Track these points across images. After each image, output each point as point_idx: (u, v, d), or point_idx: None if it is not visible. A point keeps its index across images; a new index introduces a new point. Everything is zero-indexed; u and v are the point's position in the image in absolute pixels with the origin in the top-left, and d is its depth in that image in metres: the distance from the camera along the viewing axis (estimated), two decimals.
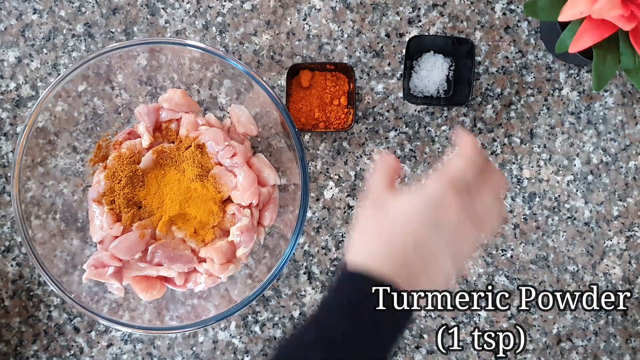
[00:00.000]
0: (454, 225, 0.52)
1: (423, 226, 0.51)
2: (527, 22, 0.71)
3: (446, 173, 0.53)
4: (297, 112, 0.69)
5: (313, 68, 0.69)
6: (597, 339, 0.71)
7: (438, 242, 0.52)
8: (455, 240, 0.53)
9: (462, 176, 0.53)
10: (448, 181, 0.53)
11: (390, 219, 0.52)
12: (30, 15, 0.71)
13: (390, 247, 0.51)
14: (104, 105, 0.69)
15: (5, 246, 0.71)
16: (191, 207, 0.65)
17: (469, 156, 0.54)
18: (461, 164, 0.54)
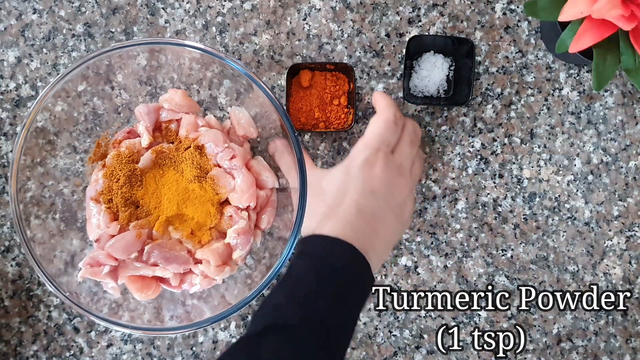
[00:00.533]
0: (385, 182, 0.57)
1: (359, 193, 0.57)
2: (527, 22, 0.71)
3: (365, 137, 0.59)
4: (297, 112, 0.68)
5: (313, 68, 0.69)
6: (597, 339, 0.70)
7: (377, 204, 0.57)
8: (392, 195, 0.58)
9: (379, 135, 0.59)
10: (367, 144, 0.59)
11: (329, 194, 0.58)
12: (30, 15, 0.71)
13: (336, 214, 0.56)
14: (104, 105, 0.69)
15: (5, 246, 0.71)
16: (189, 208, 0.65)
17: (384, 115, 0.60)
18: (377, 124, 0.60)
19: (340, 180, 0.59)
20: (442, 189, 0.71)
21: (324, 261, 0.53)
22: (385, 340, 0.71)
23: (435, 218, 0.71)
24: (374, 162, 0.58)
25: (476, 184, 0.71)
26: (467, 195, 0.71)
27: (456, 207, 0.71)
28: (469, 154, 0.71)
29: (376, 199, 0.57)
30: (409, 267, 0.71)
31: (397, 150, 0.60)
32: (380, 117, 0.61)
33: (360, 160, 0.58)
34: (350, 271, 0.53)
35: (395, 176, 0.59)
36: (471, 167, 0.71)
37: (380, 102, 0.62)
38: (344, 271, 0.53)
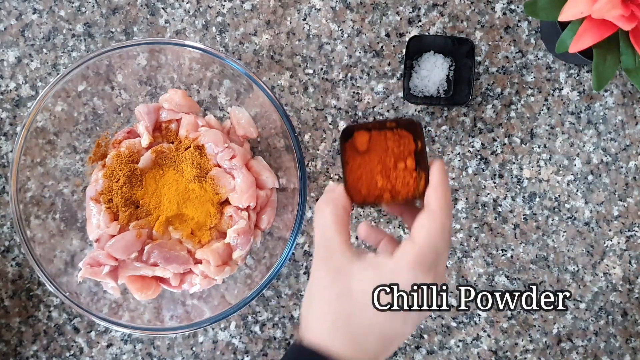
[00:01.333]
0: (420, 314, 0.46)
1: (391, 317, 0.45)
2: (527, 22, 0.71)
3: (417, 247, 0.45)
4: (356, 182, 0.55)
5: (370, 128, 0.57)
6: (597, 339, 0.70)
7: (402, 331, 0.46)
8: (416, 324, 0.47)
9: (434, 249, 0.45)
10: (418, 260, 0.45)
11: (352, 297, 0.44)
12: (30, 15, 0.71)
13: (351, 331, 0.44)
14: (104, 105, 0.69)
15: (5, 246, 0.71)
16: (189, 208, 0.65)
17: (442, 220, 0.46)
18: (433, 233, 0.45)
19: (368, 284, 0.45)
20: None
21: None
22: None
23: None
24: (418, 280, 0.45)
25: (476, 183, 0.71)
26: (467, 195, 0.71)
27: (456, 207, 0.71)
28: (469, 154, 0.71)
29: (406, 323, 0.46)
30: None
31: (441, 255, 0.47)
32: (438, 220, 0.46)
33: (407, 281, 0.45)
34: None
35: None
36: (471, 167, 0.71)
37: (440, 202, 0.47)
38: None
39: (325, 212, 0.46)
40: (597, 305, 0.70)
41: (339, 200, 0.47)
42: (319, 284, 0.45)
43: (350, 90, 0.71)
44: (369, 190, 0.55)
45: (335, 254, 0.45)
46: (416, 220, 0.46)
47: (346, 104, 0.71)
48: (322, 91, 0.71)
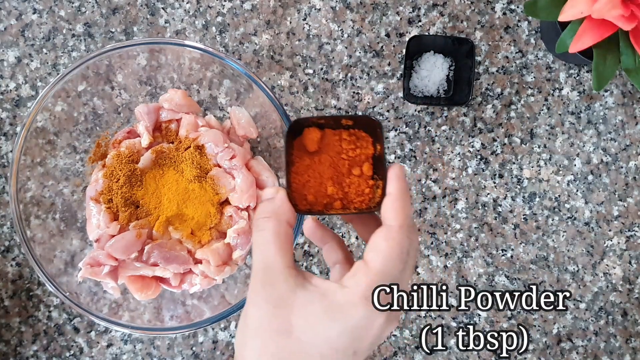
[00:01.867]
0: (374, 343, 0.39)
1: (336, 356, 0.38)
2: (527, 22, 0.71)
3: (371, 274, 0.39)
4: (302, 188, 0.47)
5: (323, 125, 0.48)
6: (598, 339, 0.70)
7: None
8: (371, 350, 0.40)
9: (391, 277, 0.39)
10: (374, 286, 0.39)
11: (294, 335, 0.38)
12: (30, 15, 0.71)
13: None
14: (104, 105, 0.69)
15: (5, 246, 0.71)
16: (189, 208, 0.65)
17: (401, 241, 0.39)
18: (391, 257, 0.39)
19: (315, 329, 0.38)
20: (442, 189, 0.71)
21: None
22: (385, 341, 0.71)
23: (435, 218, 0.71)
24: (375, 318, 0.39)
25: (476, 184, 0.71)
26: (467, 195, 0.71)
27: (456, 207, 0.71)
28: (469, 154, 0.71)
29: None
30: None
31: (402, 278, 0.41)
32: (397, 240, 0.40)
33: (350, 314, 0.38)
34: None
35: (388, 329, 0.40)
36: (471, 167, 0.71)
37: (399, 209, 0.40)
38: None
39: (266, 228, 0.40)
40: (597, 305, 0.70)
41: (281, 213, 0.41)
42: (256, 314, 0.39)
43: (350, 90, 0.71)
44: (316, 198, 0.47)
45: (276, 280, 0.38)
46: (372, 239, 0.40)
47: (346, 104, 0.71)
48: (322, 91, 0.71)
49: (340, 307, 0.38)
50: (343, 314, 0.37)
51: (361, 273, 0.39)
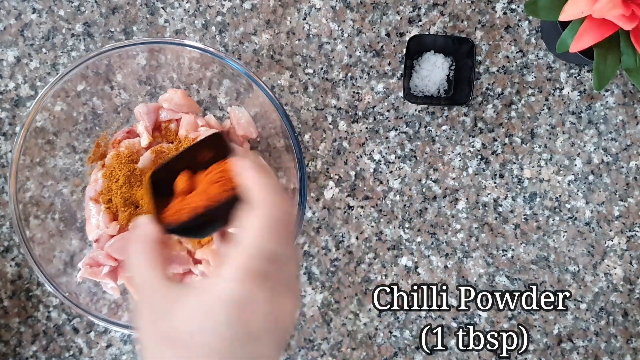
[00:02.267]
0: (269, 320, 0.37)
1: (230, 345, 0.36)
2: (528, 21, 0.70)
3: (242, 253, 0.37)
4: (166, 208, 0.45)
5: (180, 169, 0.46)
6: (598, 340, 0.70)
7: (257, 349, 0.37)
8: (276, 331, 0.38)
9: (262, 250, 0.37)
10: (246, 268, 0.37)
11: (179, 340, 0.37)
12: (30, 14, 0.71)
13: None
14: (103, 105, 0.69)
15: (5, 246, 0.71)
16: None
17: (270, 213, 0.38)
18: (261, 229, 0.38)
19: (198, 325, 0.37)
20: (442, 189, 0.71)
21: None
22: (386, 341, 0.71)
23: (436, 218, 0.71)
24: (249, 295, 0.37)
25: (476, 184, 0.71)
26: (467, 195, 0.71)
27: (456, 207, 0.71)
28: (469, 154, 0.70)
29: (256, 345, 0.38)
30: (409, 267, 0.71)
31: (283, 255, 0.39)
32: (262, 210, 0.38)
33: (226, 296, 0.37)
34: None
35: (281, 298, 0.38)
36: (471, 167, 0.71)
37: (259, 190, 0.39)
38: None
39: (137, 251, 0.40)
40: (598, 305, 0.70)
41: (148, 234, 0.41)
42: (144, 327, 0.39)
43: (350, 90, 0.71)
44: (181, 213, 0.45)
45: (155, 293, 0.39)
46: (239, 220, 0.39)
47: (346, 103, 0.71)
48: (322, 91, 0.71)
49: (218, 295, 0.37)
50: (219, 301, 0.37)
51: (232, 256, 0.37)
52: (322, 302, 0.71)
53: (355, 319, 0.71)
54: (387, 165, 0.71)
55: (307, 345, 0.71)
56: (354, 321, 0.71)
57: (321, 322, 0.71)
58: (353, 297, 0.71)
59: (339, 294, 0.71)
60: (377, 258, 0.71)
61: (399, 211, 0.71)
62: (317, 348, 0.71)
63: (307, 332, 0.71)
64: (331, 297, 0.71)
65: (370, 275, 0.70)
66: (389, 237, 0.71)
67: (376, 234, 0.71)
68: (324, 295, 0.71)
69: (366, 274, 0.71)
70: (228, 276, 0.37)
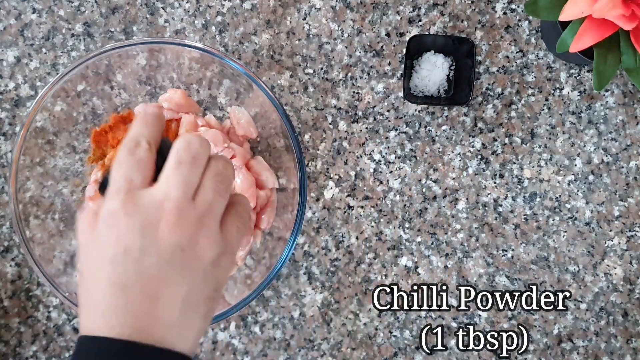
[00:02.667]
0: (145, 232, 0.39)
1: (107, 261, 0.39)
2: (528, 21, 0.70)
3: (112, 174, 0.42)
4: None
5: None
6: (598, 340, 0.70)
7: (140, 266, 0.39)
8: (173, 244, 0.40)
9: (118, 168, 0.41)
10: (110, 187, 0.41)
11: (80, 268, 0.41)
12: (30, 14, 0.71)
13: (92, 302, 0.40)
14: (103, 105, 0.69)
15: (4, 246, 0.71)
16: None
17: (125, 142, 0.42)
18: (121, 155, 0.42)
19: (84, 246, 0.42)
20: (442, 189, 0.71)
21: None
22: (386, 341, 0.71)
23: (436, 218, 0.71)
24: (115, 209, 0.40)
25: (476, 184, 0.71)
26: (467, 195, 0.71)
27: (456, 207, 0.71)
28: (469, 154, 0.70)
29: (138, 258, 0.39)
30: (409, 267, 0.71)
31: (157, 181, 0.41)
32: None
33: (103, 212, 0.40)
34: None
35: (151, 218, 0.40)
36: (471, 167, 0.71)
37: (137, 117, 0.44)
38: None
39: (79, 220, 0.44)
40: (598, 305, 0.70)
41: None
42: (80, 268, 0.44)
43: (350, 90, 0.71)
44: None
45: (84, 244, 0.43)
46: None
47: (346, 103, 0.71)
48: (322, 91, 0.71)
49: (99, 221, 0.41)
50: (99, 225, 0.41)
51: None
52: (322, 302, 0.71)
53: (355, 319, 0.71)
54: (387, 165, 0.71)
55: (307, 345, 0.71)
56: (354, 321, 0.71)
57: (321, 322, 0.71)
58: (353, 297, 0.71)
59: (339, 294, 0.71)
60: (377, 258, 0.71)
61: (399, 211, 0.71)
62: (317, 348, 0.71)
63: (307, 332, 0.71)
64: (331, 297, 0.71)
65: (370, 275, 0.70)
66: (389, 237, 0.71)
67: (376, 234, 0.71)
68: (324, 295, 0.71)
69: (366, 274, 0.71)
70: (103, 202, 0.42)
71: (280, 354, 0.71)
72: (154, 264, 0.39)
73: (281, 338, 0.71)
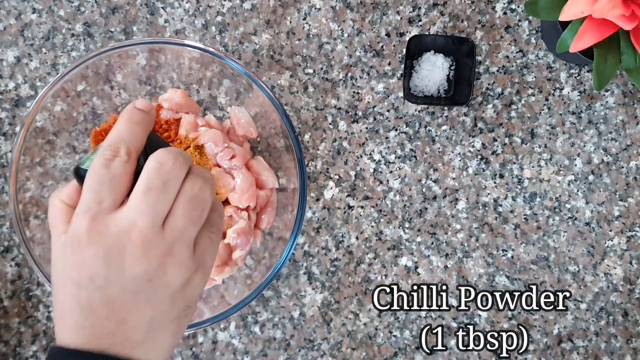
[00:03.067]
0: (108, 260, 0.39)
1: (75, 283, 0.40)
2: (528, 21, 0.70)
3: (84, 190, 0.41)
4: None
5: None
6: (598, 340, 0.70)
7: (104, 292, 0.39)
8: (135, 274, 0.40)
9: (89, 187, 0.41)
10: (80, 205, 0.40)
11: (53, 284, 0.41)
12: (30, 14, 0.71)
13: (62, 316, 0.40)
14: (103, 105, 0.69)
15: (4, 246, 0.71)
16: None
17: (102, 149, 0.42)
18: (95, 167, 0.41)
19: (54, 248, 0.42)
20: (442, 189, 0.71)
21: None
22: (386, 341, 0.71)
23: (436, 218, 0.71)
24: (81, 234, 0.39)
25: (477, 184, 0.71)
26: (467, 195, 0.71)
27: (456, 207, 0.71)
28: (469, 154, 0.70)
29: (103, 286, 0.39)
30: (409, 267, 0.71)
31: (126, 204, 0.40)
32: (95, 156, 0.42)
33: (70, 231, 0.40)
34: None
35: (114, 245, 0.39)
36: (471, 167, 0.71)
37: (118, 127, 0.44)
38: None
39: (49, 212, 0.44)
40: (598, 305, 0.70)
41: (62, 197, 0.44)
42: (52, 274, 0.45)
43: (350, 90, 0.71)
44: None
45: (54, 241, 0.43)
46: None
47: (346, 103, 0.71)
48: (322, 91, 0.71)
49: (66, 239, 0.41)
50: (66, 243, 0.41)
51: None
52: (322, 302, 0.71)
53: (355, 319, 0.71)
54: (387, 165, 0.71)
55: (307, 345, 0.71)
56: (354, 321, 0.71)
57: (321, 322, 0.71)
58: (353, 297, 0.71)
59: (339, 294, 0.71)
60: (377, 258, 0.71)
61: (399, 211, 0.71)
62: (317, 348, 0.71)
63: (307, 332, 0.71)
64: (331, 297, 0.71)
65: (370, 275, 0.70)
66: (389, 237, 0.71)
67: (376, 234, 0.71)
68: (324, 295, 0.71)
69: (366, 274, 0.71)
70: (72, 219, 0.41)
71: (280, 354, 0.71)
72: (118, 293, 0.39)
73: (281, 338, 0.71)
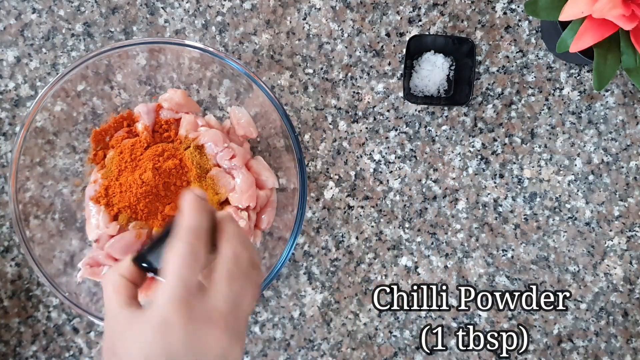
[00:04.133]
0: (187, 342, 0.41)
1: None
2: (528, 21, 0.70)
3: (166, 283, 0.42)
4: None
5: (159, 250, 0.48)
6: (598, 340, 0.70)
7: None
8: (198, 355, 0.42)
9: (177, 276, 0.42)
10: (167, 296, 0.41)
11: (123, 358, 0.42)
12: (30, 14, 0.71)
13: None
14: (103, 105, 0.69)
15: (5, 246, 0.71)
16: None
17: (176, 248, 0.43)
18: (174, 267, 0.42)
19: (117, 323, 0.44)
20: (442, 189, 0.71)
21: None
22: (386, 341, 0.71)
23: (436, 218, 0.71)
24: (170, 318, 0.41)
25: (477, 184, 0.71)
26: (467, 195, 0.71)
27: (456, 207, 0.71)
28: (469, 154, 0.70)
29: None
30: (409, 267, 0.71)
31: (210, 289, 0.43)
32: (173, 245, 0.43)
33: (155, 317, 0.42)
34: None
35: (202, 329, 0.42)
36: (472, 167, 0.71)
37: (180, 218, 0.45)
38: None
39: (105, 281, 0.46)
40: (598, 305, 0.70)
41: (118, 267, 0.46)
42: (104, 345, 0.45)
43: (350, 90, 0.71)
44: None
45: (112, 316, 0.44)
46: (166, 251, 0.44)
47: (346, 103, 0.71)
48: (322, 91, 0.71)
49: (148, 319, 0.42)
50: (149, 324, 0.42)
51: (161, 285, 0.42)
52: (322, 302, 0.71)
53: (355, 319, 0.71)
54: (387, 165, 0.71)
55: (307, 345, 0.71)
56: (354, 321, 0.71)
57: (321, 322, 0.71)
58: (353, 297, 0.71)
59: (339, 294, 0.71)
60: (377, 258, 0.71)
61: (399, 211, 0.71)
62: (317, 348, 0.71)
63: (307, 332, 0.71)
64: (331, 297, 0.71)
65: (370, 275, 0.70)
66: (389, 237, 0.71)
67: (376, 234, 0.71)
68: (324, 295, 0.71)
69: (366, 274, 0.71)
70: (157, 302, 0.42)
71: (280, 354, 0.71)
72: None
73: (281, 338, 0.71)
